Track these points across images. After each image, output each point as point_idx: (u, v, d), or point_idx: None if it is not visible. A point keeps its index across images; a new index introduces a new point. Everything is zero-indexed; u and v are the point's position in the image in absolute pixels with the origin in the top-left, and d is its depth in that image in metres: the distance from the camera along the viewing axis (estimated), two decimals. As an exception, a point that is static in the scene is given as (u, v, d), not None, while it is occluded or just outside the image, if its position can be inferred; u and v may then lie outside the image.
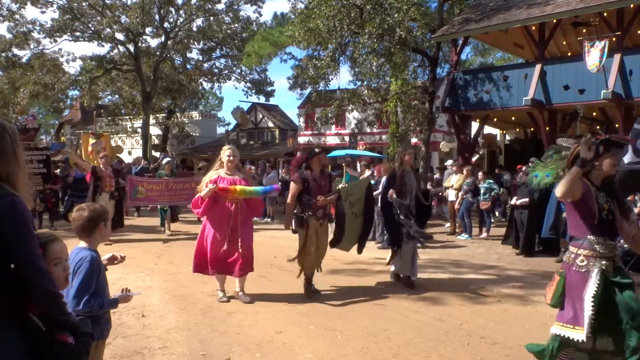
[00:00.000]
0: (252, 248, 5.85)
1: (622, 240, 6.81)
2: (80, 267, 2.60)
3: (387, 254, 7.21)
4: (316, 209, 5.89)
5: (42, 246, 2.04)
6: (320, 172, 6.07)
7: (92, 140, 13.67)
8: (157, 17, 26.05)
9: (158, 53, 26.74)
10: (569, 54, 16.32)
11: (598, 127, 18.03)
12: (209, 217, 5.77)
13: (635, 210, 7.55)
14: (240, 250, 5.67)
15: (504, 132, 20.74)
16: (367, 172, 11.38)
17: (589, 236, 3.33)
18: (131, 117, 31.03)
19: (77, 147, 13.03)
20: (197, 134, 34.08)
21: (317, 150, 6.26)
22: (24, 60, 25.01)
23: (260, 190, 6.05)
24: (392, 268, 6.82)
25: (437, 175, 15.06)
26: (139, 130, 28.67)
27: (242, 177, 5.87)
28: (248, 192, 5.71)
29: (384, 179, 7.52)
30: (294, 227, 6.04)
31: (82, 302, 2.55)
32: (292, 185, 5.97)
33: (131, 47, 25.79)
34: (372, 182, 10.04)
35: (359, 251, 6.67)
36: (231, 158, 5.80)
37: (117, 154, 18.37)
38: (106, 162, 10.25)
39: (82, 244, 2.74)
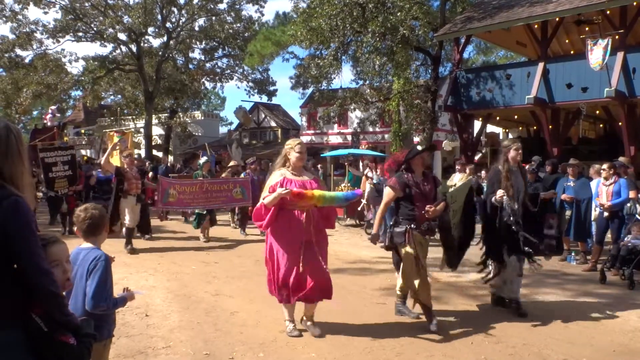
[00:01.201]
0: (327, 269, 4.64)
1: (626, 239, 6.81)
2: (95, 266, 2.59)
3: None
4: (421, 221, 4.79)
5: (42, 247, 2.04)
6: (423, 175, 4.96)
7: (116, 139, 12.35)
8: (159, 17, 26.11)
9: (160, 53, 26.80)
10: (572, 52, 16.27)
11: (602, 125, 18.02)
12: (274, 230, 4.59)
13: (639, 208, 7.53)
14: (313, 272, 4.48)
15: (507, 130, 20.71)
16: (367, 171, 11.39)
17: None
18: (134, 117, 31.16)
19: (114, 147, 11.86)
20: (200, 134, 34.15)
21: (419, 147, 5.08)
22: (26, 60, 25.12)
23: (342, 197, 4.80)
24: (494, 290, 5.64)
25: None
26: (142, 130, 28.75)
27: (313, 178, 4.71)
28: (328, 199, 4.55)
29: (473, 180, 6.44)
30: (387, 243, 4.99)
31: (100, 301, 2.56)
32: (388, 191, 4.89)
33: (133, 47, 25.86)
34: (377, 181, 10.06)
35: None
36: (302, 155, 4.65)
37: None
38: (130, 162, 9.20)
39: (87, 244, 2.73)
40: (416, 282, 4.76)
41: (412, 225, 4.75)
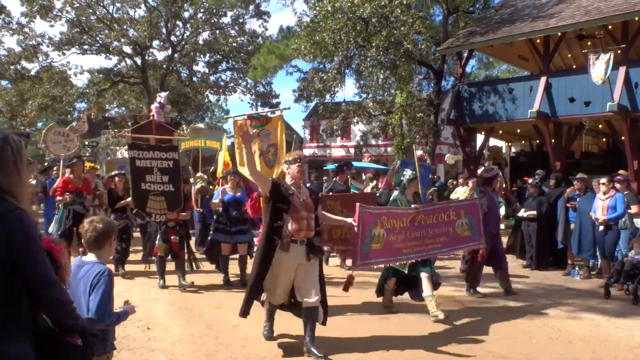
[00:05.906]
0: None
1: (630, 254, 6.78)
2: (99, 282, 2.58)
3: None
4: None
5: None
6: None
7: (252, 130, 5.91)
8: (164, 30, 26.35)
9: (165, 66, 27.01)
10: (574, 66, 16.33)
11: (604, 139, 18.00)
12: None
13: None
14: None
15: (510, 144, 20.71)
16: (371, 184, 11.36)
17: None
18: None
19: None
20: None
21: None
22: (32, 73, 25.33)
23: None
24: None
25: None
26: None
27: None
28: None
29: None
30: None
31: (104, 317, 2.57)
32: None
33: (138, 60, 26.07)
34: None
35: None
36: None
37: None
38: (299, 173, 4.63)
39: (91, 257, 2.73)
40: None
41: None
